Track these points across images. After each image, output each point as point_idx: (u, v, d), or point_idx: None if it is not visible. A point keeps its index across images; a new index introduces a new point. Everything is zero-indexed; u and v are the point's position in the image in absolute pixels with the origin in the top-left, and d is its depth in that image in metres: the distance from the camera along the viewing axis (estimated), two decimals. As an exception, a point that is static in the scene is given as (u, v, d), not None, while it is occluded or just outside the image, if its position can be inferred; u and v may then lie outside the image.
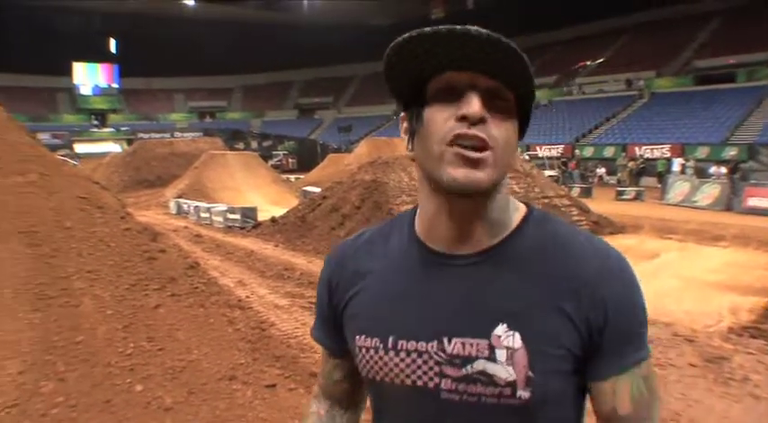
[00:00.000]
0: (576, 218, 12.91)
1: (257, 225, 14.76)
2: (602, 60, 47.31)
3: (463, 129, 0.89)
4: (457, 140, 0.89)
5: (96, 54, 60.84)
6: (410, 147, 1.00)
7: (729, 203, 17.83)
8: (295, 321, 6.54)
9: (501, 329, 0.93)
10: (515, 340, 0.92)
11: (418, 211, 1.06)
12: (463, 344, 0.94)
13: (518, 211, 1.04)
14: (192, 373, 4.01)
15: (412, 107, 0.98)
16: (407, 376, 0.97)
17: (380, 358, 1.00)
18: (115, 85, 65.23)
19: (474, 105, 0.88)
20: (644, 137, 33.61)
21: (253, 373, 4.31)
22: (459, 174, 0.89)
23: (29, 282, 4.25)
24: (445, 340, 0.95)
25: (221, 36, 60.91)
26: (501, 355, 0.92)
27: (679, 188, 20.41)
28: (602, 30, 51.70)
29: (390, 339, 0.99)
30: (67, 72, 61.12)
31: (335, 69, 67.79)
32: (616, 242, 11.16)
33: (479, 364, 0.93)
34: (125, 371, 3.80)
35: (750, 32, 37.84)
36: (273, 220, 14.27)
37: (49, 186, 5.43)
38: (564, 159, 32.34)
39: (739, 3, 41.51)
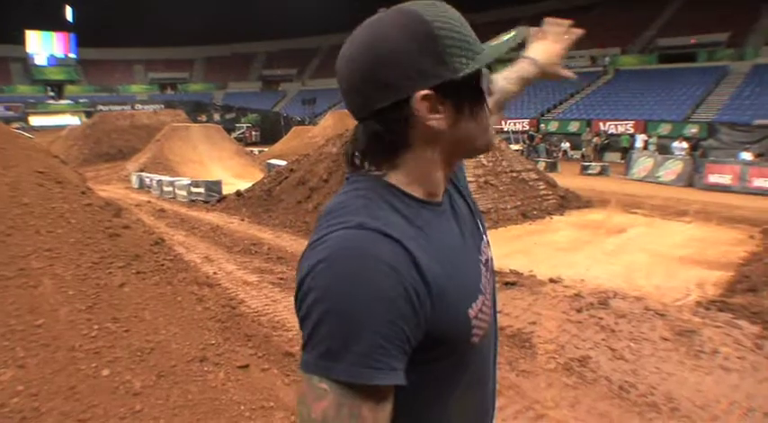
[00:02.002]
0: (543, 192, 12.95)
1: (222, 199, 14.49)
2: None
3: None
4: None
5: (51, 22, 58.67)
6: (456, 122, 1.03)
7: (691, 180, 18.18)
8: (265, 298, 6.40)
9: (479, 223, 1.23)
10: (483, 230, 1.23)
11: (400, 180, 1.03)
12: (484, 250, 1.18)
13: None
14: (161, 355, 3.86)
15: (468, 89, 1.03)
16: (489, 308, 1.10)
17: (488, 307, 1.08)
18: (72, 56, 63.17)
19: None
20: (608, 113, 33.92)
21: (224, 353, 4.18)
22: (493, 137, 1.13)
23: (-17, 261, 4.03)
24: (482, 251, 1.16)
25: (183, 6, 59.30)
26: (487, 238, 1.23)
27: (642, 164, 20.68)
28: (568, 6, 51.87)
29: (481, 285, 1.08)
30: (20, 41, 58.89)
31: (300, 41, 66.80)
32: (584, 217, 11.32)
33: (490, 253, 1.22)
34: (90, 354, 3.62)
35: (711, 13, 38.42)
36: (239, 193, 14.01)
37: (4, 160, 5.17)
38: (530, 133, 32.50)
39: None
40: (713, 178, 17.74)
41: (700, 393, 4.29)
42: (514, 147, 24.04)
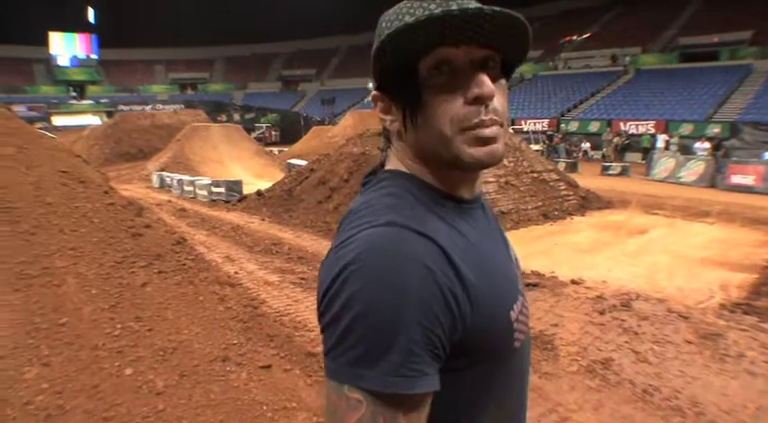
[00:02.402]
0: (564, 192, 12.85)
1: (242, 199, 14.55)
2: (587, 35, 47.15)
3: (481, 114, 0.89)
4: (475, 126, 0.89)
5: (74, 24, 59.41)
6: (401, 126, 0.97)
7: (713, 180, 17.93)
8: (287, 298, 6.41)
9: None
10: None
11: (422, 174, 0.99)
12: (512, 255, 1.13)
13: None
14: (184, 355, 3.87)
15: (402, 88, 0.93)
16: (527, 309, 1.06)
17: (527, 308, 1.04)
18: (94, 56, 63.94)
19: (487, 85, 0.88)
20: (629, 113, 33.59)
21: (246, 353, 4.18)
22: (480, 153, 0.90)
23: (8, 261, 4.08)
24: (511, 252, 1.12)
25: (203, 7, 59.75)
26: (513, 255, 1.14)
27: (664, 164, 20.44)
28: (588, 5, 51.51)
29: (519, 286, 1.06)
30: (44, 42, 59.69)
31: (319, 41, 67.01)
32: (605, 218, 11.23)
33: (515, 256, 1.15)
34: (113, 353, 3.65)
35: (733, 11, 37.90)
36: (259, 193, 14.05)
37: (29, 160, 5.22)
38: (550, 133, 32.27)
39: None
40: (736, 179, 17.45)
41: (725, 398, 4.22)
42: (534, 147, 23.89)
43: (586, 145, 30.25)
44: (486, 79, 0.88)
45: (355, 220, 0.91)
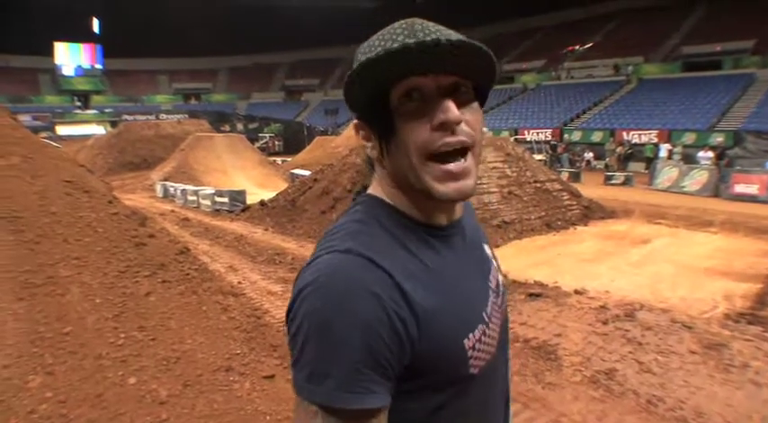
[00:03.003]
0: (567, 202, 12.84)
1: (246, 208, 14.57)
2: (590, 45, 47.24)
3: (446, 137, 0.92)
4: (439, 154, 0.92)
5: (79, 34, 59.71)
6: (379, 154, 1.01)
7: (717, 190, 17.90)
8: (289, 308, 6.40)
9: (486, 248, 1.19)
10: (489, 249, 1.20)
11: (394, 200, 1.04)
12: (493, 278, 1.13)
13: None
14: (187, 364, 3.88)
15: (376, 116, 0.98)
16: (496, 332, 1.07)
17: (488, 336, 1.03)
18: (98, 66, 64.26)
19: (453, 111, 0.91)
20: (631, 122, 33.59)
21: (250, 363, 4.18)
22: (448, 189, 0.94)
23: (12, 270, 4.09)
24: (492, 283, 1.11)
25: (207, 17, 60.02)
26: (497, 263, 1.18)
27: (667, 174, 20.43)
28: (590, 14, 51.64)
29: (485, 314, 1.04)
30: (49, 52, 60.04)
31: (322, 51, 67.24)
32: (608, 227, 11.21)
33: (500, 278, 1.17)
34: (117, 363, 3.65)
35: (736, 20, 37.94)
36: (263, 203, 14.08)
37: (33, 170, 5.24)
38: (553, 143, 32.30)
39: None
40: (739, 188, 17.41)
41: (730, 408, 4.20)
42: (537, 157, 23.88)
43: (589, 155, 30.25)
44: (450, 105, 0.91)
45: (325, 242, 0.99)
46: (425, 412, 0.97)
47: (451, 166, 0.93)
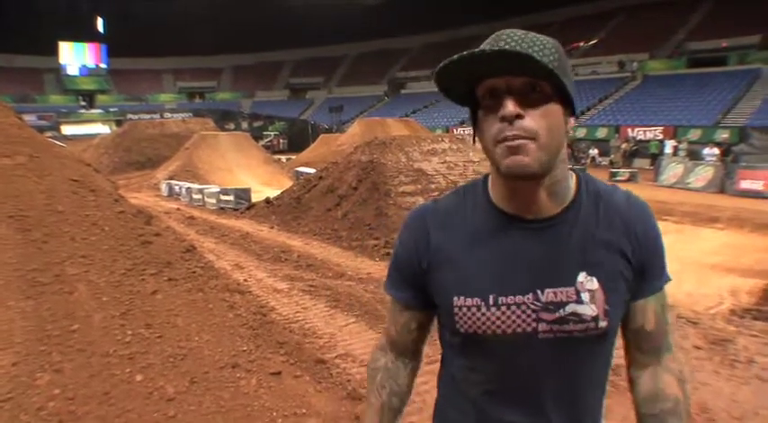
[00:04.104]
0: (572, 199, 12.80)
1: (251, 206, 14.60)
2: (594, 41, 47.12)
3: (505, 130, 1.08)
4: (504, 140, 1.09)
5: (83, 33, 59.80)
6: (474, 140, 1.22)
7: (722, 186, 17.88)
8: (296, 305, 6.43)
9: (582, 276, 1.17)
10: (594, 283, 1.17)
11: (490, 182, 1.26)
12: (555, 293, 1.17)
13: (572, 179, 1.24)
14: (194, 361, 3.89)
15: (471, 108, 1.20)
16: (509, 326, 1.17)
17: (483, 314, 1.18)
18: (103, 66, 64.36)
19: (508, 107, 1.08)
20: (636, 119, 33.53)
21: (256, 360, 4.19)
22: (509, 161, 1.10)
23: (20, 268, 4.11)
24: (539, 292, 1.17)
25: (211, 15, 60.08)
26: (585, 297, 1.17)
27: (672, 170, 20.42)
28: (595, 11, 51.48)
29: (491, 297, 1.18)
30: (54, 52, 60.16)
31: (326, 49, 67.20)
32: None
33: (570, 308, 1.17)
34: (124, 360, 3.67)
35: (741, 15, 37.75)
36: (268, 201, 14.10)
37: (40, 169, 5.26)
38: (557, 140, 32.21)
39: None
40: (745, 184, 17.39)
41: (736, 404, 4.19)
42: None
43: (594, 151, 30.21)
44: (507, 102, 1.08)
45: None
46: (446, 347, 1.33)
47: (509, 142, 1.08)
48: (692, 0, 44.81)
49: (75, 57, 63.00)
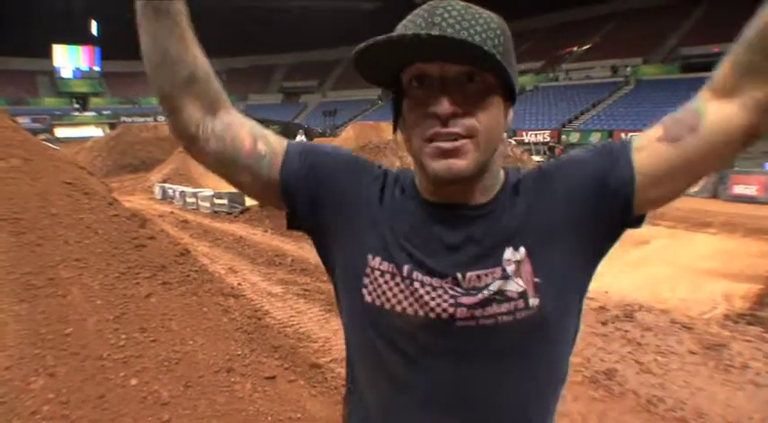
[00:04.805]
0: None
1: (245, 210, 14.55)
2: (588, 46, 47.34)
3: (437, 128, 0.94)
4: (433, 138, 0.95)
5: (77, 36, 59.72)
6: (395, 131, 1.09)
7: (715, 191, 17.93)
8: (290, 309, 6.43)
9: (508, 252, 1.01)
10: (519, 253, 1.01)
11: (417, 176, 1.10)
12: (478, 275, 1.00)
13: (501, 172, 1.09)
14: (188, 365, 3.88)
15: (393, 93, 1.04)
16: (421, 306, 1.01)
17: (396, 285, 1.03)
18: (96, 68, 64.26)
19: (443, 105, 0.93)
20: (630, 123, 33.67)
21: (251, 364, 4.19)
22: (439, 166, 0.96)
23: (13, 271, 4.09)
24: (459, 276, 1.00)
25: (204, 18, 59.75)
26: (510, 270, 1.00)
27: (666, 175, 20.47)
28: (588, 16, 51.74)
29: (405, 268, 1.03)
30: (47, 54, 60.02)
31: (320, 53, 67.30)
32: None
33: (494, 286, 1.00)
34: (118, 364, 3.65)
35: (734, 21, 37.68)
36: (261, 205, 14.07)
37: (34, 172, 5.24)
38: (551, 145, 32.36)
39: (723, -10, 41.71)
40: (738, 189, 17.46)
41: (731, 409, 4.21)
42: (536, 158, 23.94)
43: (588, 156, 30.27)
44: (442, 99, 0.93)
45: None
46: (358, 353, 1.15)
47: (443, 144, 0.95)
48: (685, 5, 45.11)
49: (69, 59, 62.87)
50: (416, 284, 1.01)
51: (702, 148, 0.97)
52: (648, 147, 1.01)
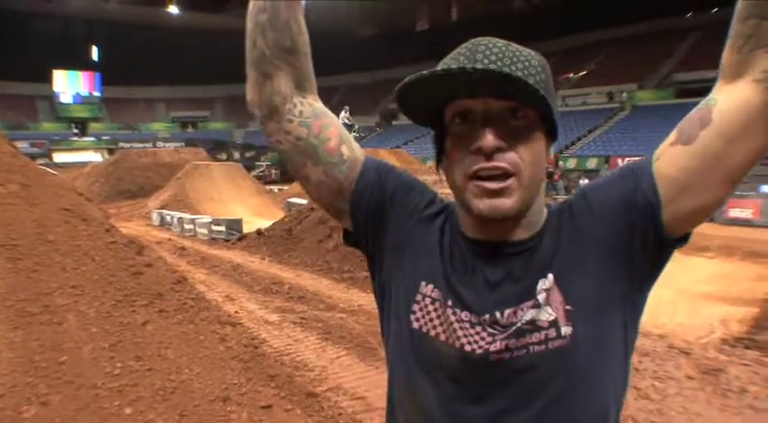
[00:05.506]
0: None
1: (242, 237, 14.55)
2: (584, 73, 47.79)
3: (481, 162, 0.94)
4: (477, 173, 0.94)
5: (78, 61, 60.03)
6: (438, 167, 1.07)
7: (711, 214, 17.96)
8: (287, 337, 6.40)
9: (541, 282, 0.99)
10: (548, 280, 0.99)
11: (457, 211, 1.09)
12: (515, 311, 0.99)
13: (545, 208, 1.07)
14: (184, 394, 3.85)
15: (435, 131, 1.04)
16: (458, 338, 1.00)
17: (443, 313, 1.03)
18: (96, 94, 64.46)
19: (487, 138, 0.92)
20: (626, 149, 33.84)
21: (247, 393, 4.16)
22: (483, 205, 0.95)
23: (9, 298, 4.09)
24: (497, 314, 0.99)
25: (204, 45, 60.51)
26: (542, 299, 0.98)
27: (662, 199, 20.53)
28: (584, 42, 52.24)
29: (450, 301, 1.02)
30: (47, 79, 60.30)
31: (319, 80, 66.01)
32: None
33: (527, 316, 0.98)
34: (113, 393, 3.63)
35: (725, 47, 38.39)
36: (259, 232, 14.07)
37: (32, 198, 5.26)
38: (549, 170, 32.40)
39: (715, 18, 42.20)
40: (734, 212, 17.48)
41: (729, 435, 4.19)
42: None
43: (585, 181, 30.39)
44: (488, 133, 0.93)
45: None
46: (397, 374, 1.11)
47: (489, 184, 0.94)
48: (679, 32, 45.62)
49: (69, 84, 63.10)
50: (457, 316, 1.01)
51: (718, 139, 0.93)
52: (665, 154, 0.99)
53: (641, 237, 0.98)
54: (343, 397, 4.72)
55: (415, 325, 1.05)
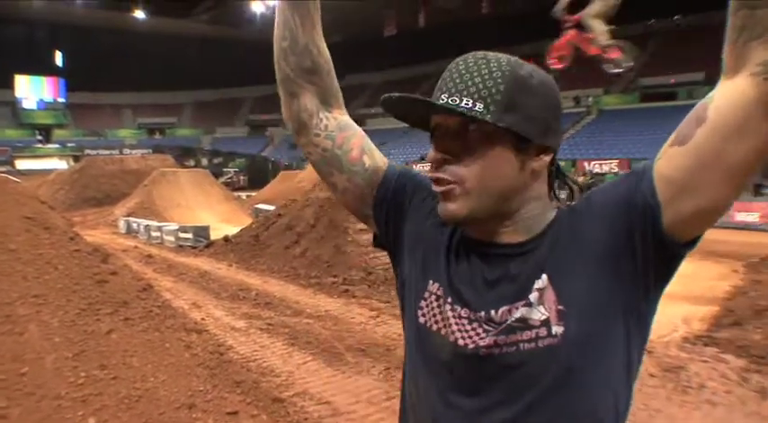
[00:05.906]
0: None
1: (210, 244, 14.45)
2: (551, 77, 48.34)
3: (430, 172, 1.05)
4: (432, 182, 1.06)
5: (41, 67, 58.80)
6: None
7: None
8: (253, 344, 6.38)
9: (536, 283, 1.00)
10: (542, 280, 1.00)
11: None
12: (509, 309, 1.01)
13: (552, 213, 1.08)
14: (149, 402, 3.83)
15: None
16: (453, 332, 1.05)
17: (444, 309, 1.08)
18: (61, 100, 63.20)
19: (430, 152, 1.04)
20: (593, 152, 34.37)
21: (213, 400, 4.15)
22: (439, 208, 1.05)
23: (-31, 309, 4.02)
24: (493, 311, 1.02)
25: (172, 51, 59.89)
26: (533, 298, 0.99)
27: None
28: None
29: (450, 298, 1.07)
30: (9, 85, 58.99)
31: (288, 86, 67.18)
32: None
33: (518, 313, 1.00)
34: (77, 402, 3.59)
35: (687, 53, 39.27)
36: (226, 239, 13.99)
37: (-8, 207, 5.18)
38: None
39: (676, 24, 43.20)
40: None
41: (687, 429, 4.29)
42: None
43: (552, 184, 30.74)
44: (432, 146, 1.04)
45: None
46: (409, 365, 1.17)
47: (436, 187, 1.05)
48: (641, 39, 46.46)
49: (33, 90, 61.76)
50: (451, 313, 1.06)
51: (714, 136, 0.90)
52: (664, 155, 0.98)
53: (641, 238, 0.97)
54: (310, 402, 4.72)
55: (421, 320, 1.12)
